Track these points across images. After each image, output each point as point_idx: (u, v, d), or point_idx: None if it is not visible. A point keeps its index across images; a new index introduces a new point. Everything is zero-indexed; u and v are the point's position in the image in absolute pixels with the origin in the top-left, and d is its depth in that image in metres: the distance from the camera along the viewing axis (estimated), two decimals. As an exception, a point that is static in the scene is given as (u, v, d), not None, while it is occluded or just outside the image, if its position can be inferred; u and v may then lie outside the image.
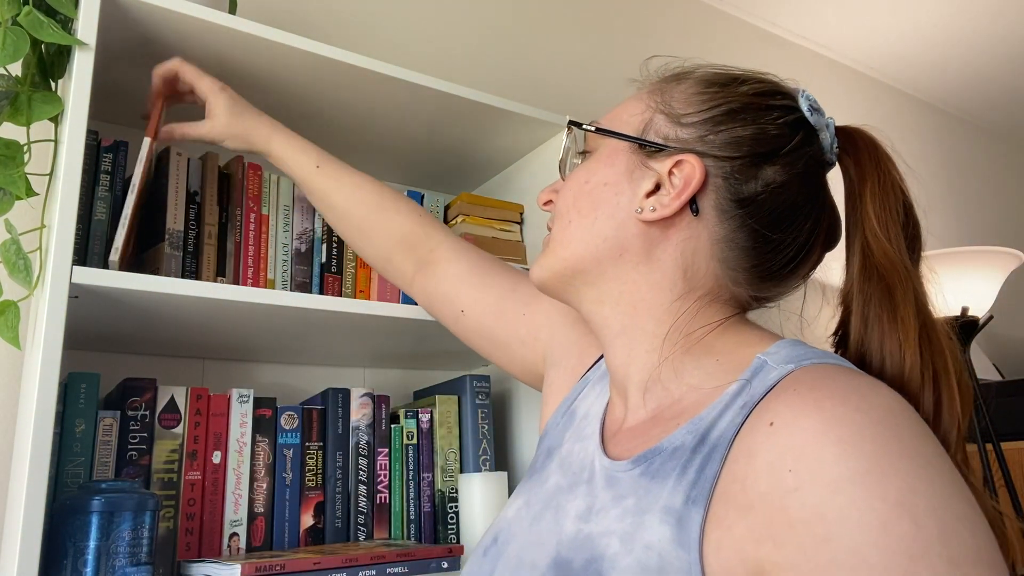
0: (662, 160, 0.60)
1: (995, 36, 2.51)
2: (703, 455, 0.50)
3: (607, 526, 0.53)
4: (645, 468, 0.54)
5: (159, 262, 0.98)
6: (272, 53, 0.99)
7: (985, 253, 1.97)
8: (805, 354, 0.52)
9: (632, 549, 0.49)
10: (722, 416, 0.51)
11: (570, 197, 0.65)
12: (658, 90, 0.64)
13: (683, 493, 0.49)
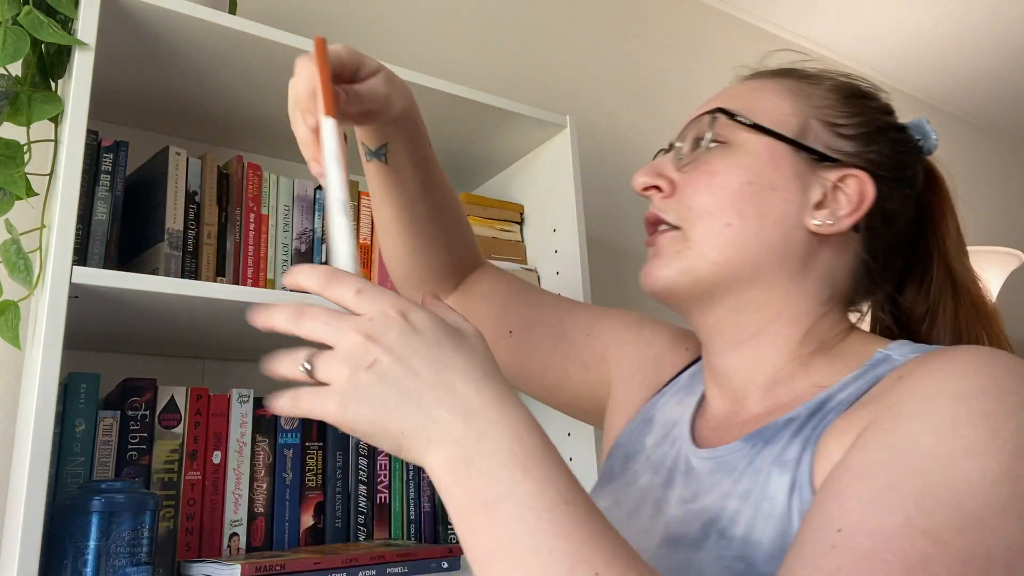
0: (828, 171, 0.60)
1: (995, 36, 2.51)
2: (820, 416, 0.53)
3: (721, 494, 0.54)
4: (755, 441, 0.55)
5: (158, 262, 0.98)
6: (272, 53, 0.99)
7: (985, 253, 1.97)
8: (929, 347, 0.55)
9: (755, 502, 0.51)
10: (842, 391, 0.54)
11: (725, 197, 0.59)
12: (801, 92, 0.64)
13: (799, 446, 0.51)
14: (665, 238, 0.61)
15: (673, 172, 0.62)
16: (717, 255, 0.58)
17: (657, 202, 0.62)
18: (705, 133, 0.61)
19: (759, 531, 0.49)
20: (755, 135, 0.60)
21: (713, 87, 0.68)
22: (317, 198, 1.14)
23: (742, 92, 0.64)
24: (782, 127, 0.60)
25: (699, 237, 0.59)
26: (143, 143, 1.15)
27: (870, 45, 2.53)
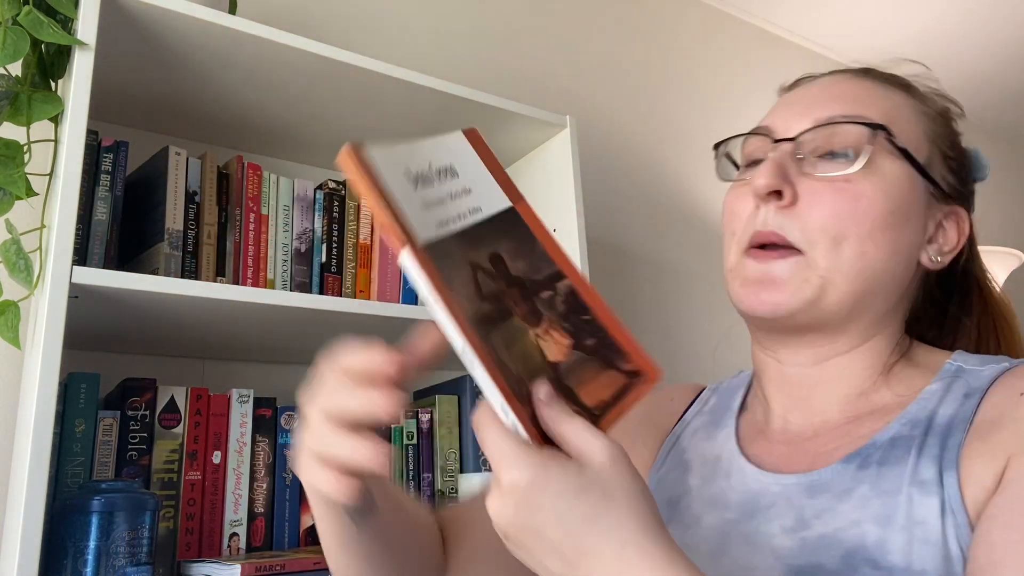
0: (941, 205, 0.61)
1: (995, 36, 2.51)
2: (938, 434, 0.52)
3: (847, 520, 0.52)
4: (862, 462, 0.54)
5: (158, 262, 0.98)
6: (272, 53, 0.99)
7: (985, 253, 1.97)
8: (992, 358, 0.57)
9: (903, 527, 0.49)
10: (940, 405, 0.54)
11: (867, 224, 0.56)
12: (927, 116, 0.63)
13: (934, 466, 0.51)
14: (787, 266, 0.57)
15: (796, 177, 0.57)
16: (848, 286, 0.56)
17: (774, 212, 0.57)
18: (854, 147, 0.57)
19: (920, 558, 0.48)
20: (900, 160, 0.58)
21: (713, 87, 0.68)
22: (317, 198, 1.14)
23: (879, 103, 0.61)
24: (919, 155, 0.59)
25: (830, 264, 0.56)
26: (143, 143, 1.15)
27: (870, 45, 2.53)
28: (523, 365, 0.47)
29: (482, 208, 0.49)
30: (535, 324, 0.48)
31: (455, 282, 0.46)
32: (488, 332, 0.46)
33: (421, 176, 0.48)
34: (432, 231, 0.46)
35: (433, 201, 0.47)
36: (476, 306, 0.46)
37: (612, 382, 0.48)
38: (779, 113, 0.63)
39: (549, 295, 0.49)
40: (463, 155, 0.50)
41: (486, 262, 0.48)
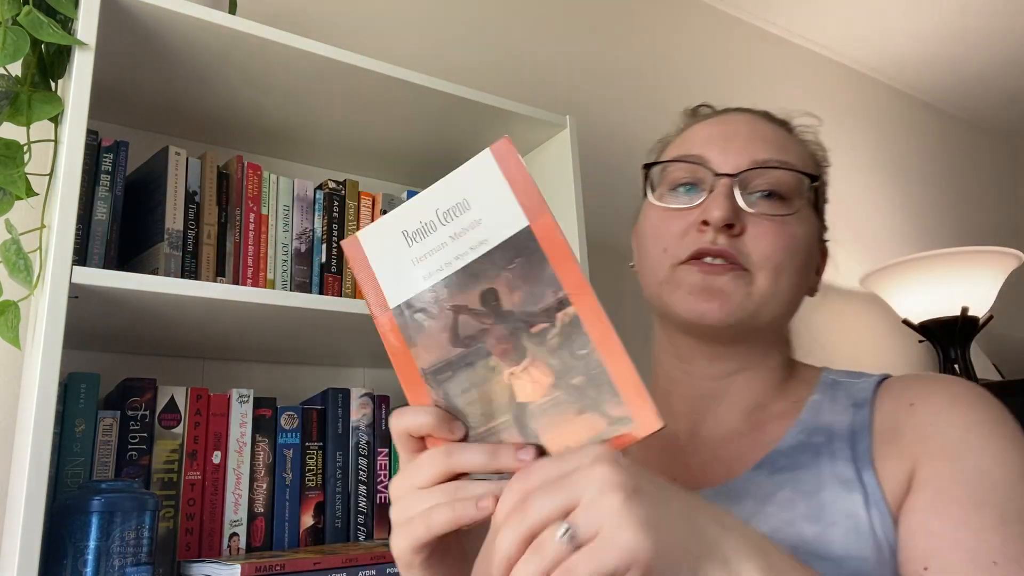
0: (821, 243, 0.71)
1: (995, 36, 2.51)
2: (844, 440, 0.60)
3: (779, 520, 0.57)
4: (771, 468, 0.61)
5: (158, 262, 0.98)
6: (272, 53, 0.99)
7: (985, 253, 1.97)
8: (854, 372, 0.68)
9: (835, 521, 0.56)
10: (830, 414, 0.63)
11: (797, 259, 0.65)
12: (820, 163, 0.72)
13: (850, 467, 0.58)
14: (731, 279, 0.62)
15: (739, 211, 0.63)
16: (778, 308, 0.65)
17: (725, 238, 0.62)
18: (789, 191, 0.65)
19: (857, 547, 0.54)
20: (811, 208, 0.67)
21: (713, 87, 0.68)
22: (317, 198, 1.15)
23: (796, 151, 0.68)
24: (819, 201, 0.69)
25: (768, 287, 0.63)
26: (143, 143, 1.15)
27: (870, 45, 2.53)
28: (487, 403, 0.49)
29: (488, 239, 0.49)
30: (514, 363, 0.48)
31: (423, 336, 0.50)
32: (449, 376, 0.49)
33: (421, 229, 0.51)
34: (417, 286, 0.50)
35: (429, 251, 0.50)
36: (445, 352, 0.50)
37: (587, 428, 0.46)
38: (710, 145, 0.67)
39: (543, 327, 0.48)
40: (483, 178, 0.50)
41: (475, 301, 0.49)
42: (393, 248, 0.51)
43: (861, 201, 2.44)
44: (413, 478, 0.47)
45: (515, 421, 0.48)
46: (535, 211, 0.49)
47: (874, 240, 2.42)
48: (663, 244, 0.65)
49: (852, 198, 2.42)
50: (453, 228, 0.50)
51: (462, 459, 0.46)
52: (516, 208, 0.49)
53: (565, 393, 0.47)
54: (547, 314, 0.48)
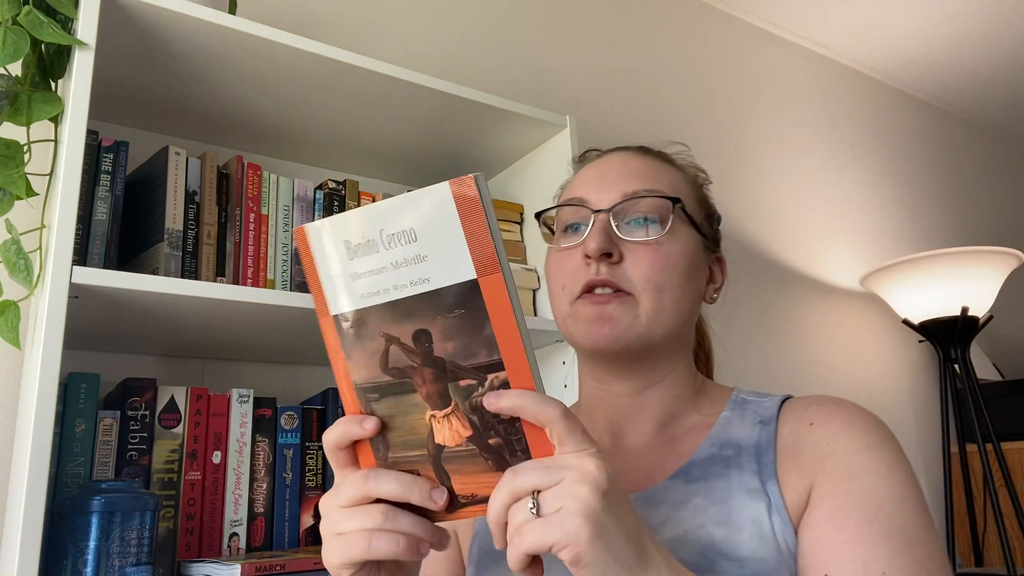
0: (712, 253, 0.77)
1: (994, 36, 2.51)
2: (751, 454, 0.66)
3: (692, 524, 0.63)
4: (686, 478, 0.67)
5: (158, 262, 0.98)
6: (272, 53, 0.99)
7: (985, 253, 1.97)
8: (762, 393, 0.74)
9: (741, 526, 0.61)
10: (738, 429, 0.69)
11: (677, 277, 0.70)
12: (693, 185, 0.78)
13: (755, 478, 0.64)
14: (618, 305, 0.68)
15: (617, 240, 0.70)
16: (666, 323, 0.70)
17: (605, 267, 0.69)
18: (658, 215, 0.71)
19: (760, 550, 0.60)
20: (688, 225, 0.73)
21: (713, 87, 0.68)
22: (317, 198, 1.15)
23: (664, 178, 0.74)
24: (696, 217, 0.74)
25: (653, 307, 0.69)
26: (143, 143, 1.15)
27: (870, 45, 2.53)
28: (407, 434, 0.50)
29: (431, 279, 0.47)
30: (437, 407, 0.49)
31: (357, 352, 0.50)
32: (376, 398, 0.50)
33: (363, 245, 0.48)
34: (354, 303, 0.49)
35: (368, 271, 0.49)
36: (374, 375, 0.50)
37: (494, 483, 0.48)
38: (588, 186, 0.74)
39: (470, 384, 0.48)
40: (437, 216, 0.47)
41: (407, 338, 0.48)
42: (336, 255, 0.49)
43: (861, 201, 2.44)
44: (336, 497, 0.51)
45: (431, 459, 0.50)
46: (487, 265, 0.46)
47: (874, 240, 2.42)
48: (561, 282, 0.72)
49: (852, 198, 2.42)
50: (396, 256, 0.48)
51: (378, 486, 0.49)
52: (467, 258, 0.46)
53: (481, 449, 0.48)
54: (477, 373, 0.47)
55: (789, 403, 0.71)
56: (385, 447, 0.51)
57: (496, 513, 0.47)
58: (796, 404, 0.70)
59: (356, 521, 0.49)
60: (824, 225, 2.29)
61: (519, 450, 0.48)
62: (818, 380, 2.07)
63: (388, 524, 0.49)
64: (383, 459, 0.51)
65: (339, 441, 0.51)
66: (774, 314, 2.04)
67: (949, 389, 2.14)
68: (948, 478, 2.08)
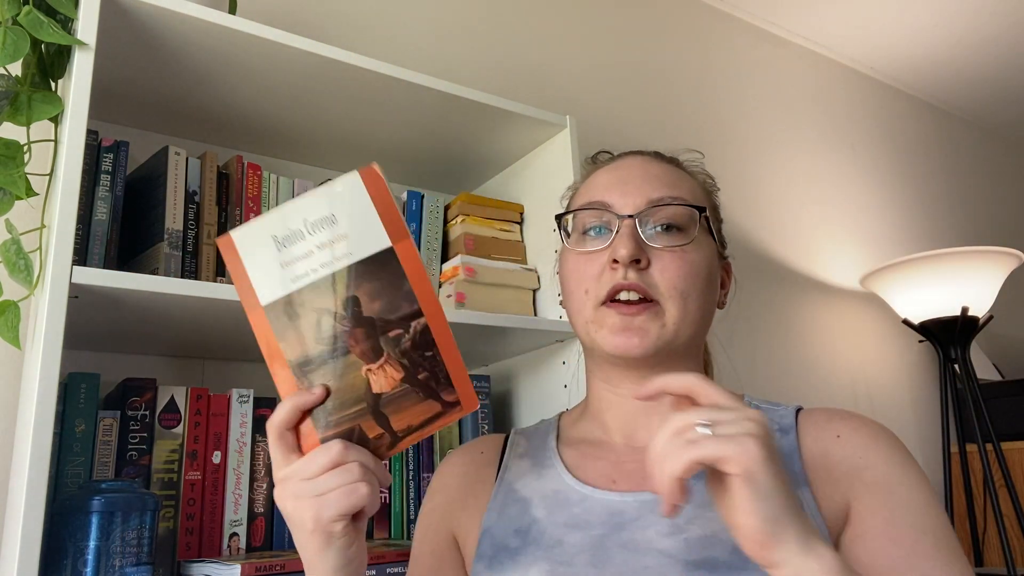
0: (722, 261, 0.79)
1: (995, 36, 2.51)
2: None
3: (719, 525, 0.63)
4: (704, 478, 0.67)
5: (158, 262, 0.98)
6: (272, 53, 0.99)
7: (985, 253, 1.97)
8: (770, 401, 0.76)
9: None
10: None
11: (699, 284, 0.72)
12: (707, 193, 0.79)
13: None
14: (645, 317, 0.70)
15: (643, 246, 0.71)
16: (689, 331, 0.71)
17: (634, 273, 0.70)
18: (683, 223, 0.72)
19: None
20: (708, 234, 0.75)
21: (713, 87, 0.68)
22: (317, 198, 1.15)
23: (685, 186, 0.76)
24: (714, 226, 0.76)
25: (679, 315, 0.70)
26: (143, 143, 1.15)
27: (870, 45, 2.53)
28: (346, 394, 0.58)
29: (353, 253, 0.58)
30: (371, 360, 0.58)
31: (291, 331, 0.58)
32: (313, 369, 0.58)
33: (289, 236, 0.58)
34: (286, 287, 0.58)
35: (297, 257, 0.58)
36: (309, 348, 0.58)
37: (427, 410, 0.59)
38: (611, 190, 0.75)
39: (398, 333, 0.58)
40: (351, 198, 0.58)
41: (338, 306, 0.58)
42: (264, 250, 0.58)
43: (861, 201, 2.44)
44: (304, 471, 0.57)
45: (370, 409, 0.59)
46: (398, 234, 0.58)
47: (874, 240, 2.42)
48: (584, 286, 0.73)
49: (852, 198, 2.42)
50: (320, 239, 0.58)
51: (353, 453, 0.57)
52: (380, 230, 0.57)
53: (412, 385, 0.59)
54: (402, 322, 0.58)
55: (805, 413, 0.72)
56: (326, 414, 0.59)
57: (662, 437, 0.52)
58: (814, 415, 0.71)
59: (340, 478, 0.56)
60: (824, 225, 2.29)
61: (442, 377, 0.59)
62: (818, 380, 2.07)
63: (366, 476, 0.57)
64: (326, 425, 0.58)
65: (290, 417, 0.58)
66: (774, 314, 2.04)
67: (949, 389, 2.14)
68: (948, 478, 2.08)
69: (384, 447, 0.60)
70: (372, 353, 0.58)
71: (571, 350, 1.19)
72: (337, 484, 0.56)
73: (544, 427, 0.83)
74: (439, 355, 0.59)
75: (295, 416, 0.58)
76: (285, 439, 0.59)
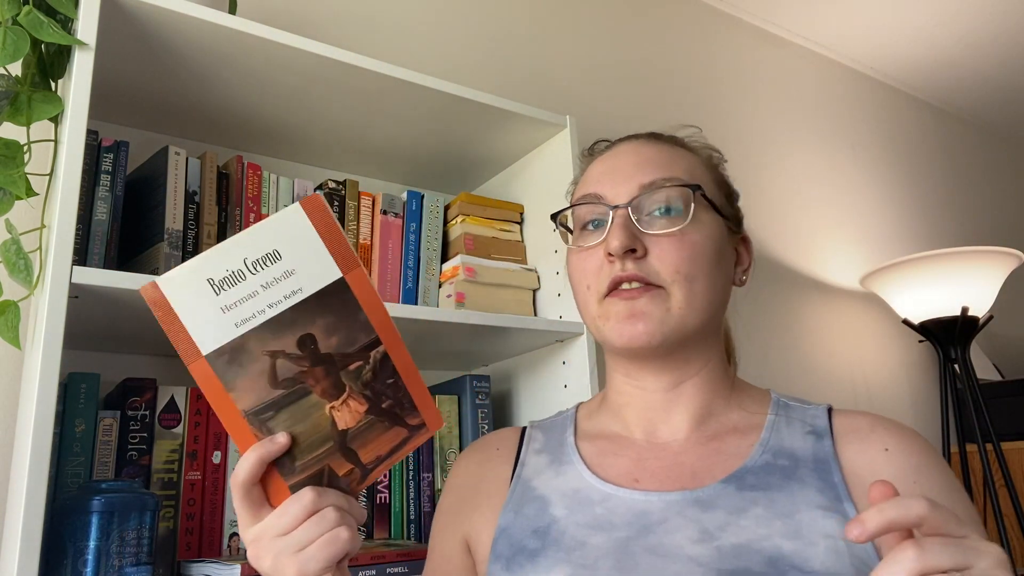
0: (734, 236, 0.75)
1: (995, 36, 2.51)
2: (810, 468, 0.65)
3: (755, 534, 0.60)
4: (739, 484, 0.65)
5: (158, 262, 0.98)
6: (272, 53, 0.99)
7: (985, 253, 1.97)
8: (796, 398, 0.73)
9: (814, 541, 0.59)
10: (788, 438, 0.68)
11: (705, 265, 0.69)
12: (708, 166, 0.75)
13: (825, 496, 0.62)
14: (648, 300, 0.67)
15: (639, 235, 0.68)
16: (700, 314, 0.68)
17: (631, 263, 0.67)
18: (678, 204, 0.69)
19: (836, 566, 0.58)
20: (710, 210, 0.71)
21: (713, 87, 0.68)
22: (317, 198, 1.14)
23: (680, 164, 0.72)
24: (716, 201, 0.72)
25: (685, 298, 0.67)
26: (143, 143, 1.15)
27: (871, 45, 2.53)
28: (311, 435, 0.56)
29: (303, 288, 0.54)
30: (334, 397, 0.56)
31: (241, 380, 0.54)
32: (271, 416, 0.55)
33: (229, 277, 0.53)
34: (229, 333, 0.53)
35: (239, 299, 0.53)
36: (264, 395, 0.55)
37: (394, 437, 0.57)
38: (602, 180, 0.72)
39: (358, 365, 0.56)
40: (295, 232, 0.54)
41: (292, 347, 0.54)
42: (199, 296, 0.53)
43: (861, 201, 2.44)
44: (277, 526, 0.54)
45: (338, 446, 0.57)
46: (348, 264, 0.54)
47: (874, 240, 2.43)
48: (586, 282, 0.71)
49: (852, 198, 2.42)
50: (264, 277, 0.54)
51: (327, 499, 0.55)
52: (329, 261, 0.54)
53: (377, 415, 0.57)
54: (362, 353, 0.56)
55: (841, 416, 0.69)
56: (292, 460, 0.56)
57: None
58: (854, 420, 0.68)
59: (317, 527, 0.54)
60: (824, 225, 2.29)
61: (406, 402, 0.57)
62: (818, 380, 2.07)
63: (343, 519, 0.55)
64: (292, 472, 0.56)
65: (255, 471, 0.55)
66: (774, 314, 2.04)
67: (949, 389, 2.14)
68: (948, 478, 2.08)
69: (355, 482, 0.58)
70: (334, 390, 0.56)
71: (571, 350, 1.19)
72: (316, 535, 0.54)
73: (561, 420, 0.81)
74: (400, 381, 0.57)
75: (260, 468, 0.55)
76: (251, 495, 0.55)
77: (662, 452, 0.70)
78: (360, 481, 0.58)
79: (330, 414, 0.56)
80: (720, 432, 0.70)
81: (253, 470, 0.55)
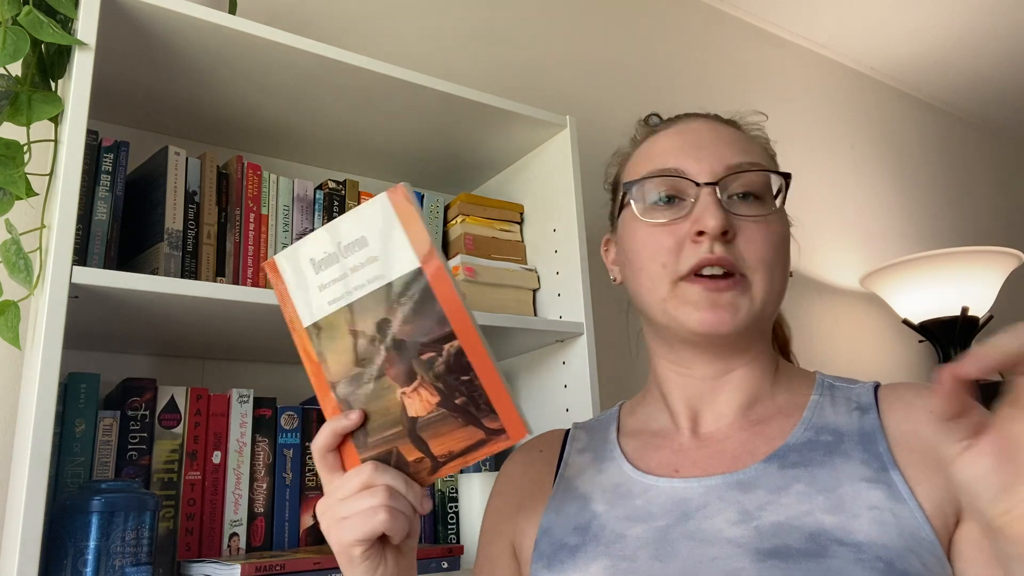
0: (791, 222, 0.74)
1: (995, 36, 2.51)
2: (856, 442, 0.63)
3: (795, 511, 0.59)
4: (781, 462, 0.63)
5: (158, 262, 0.98)
6: (272, 53, 0.99)
7: (985, 253, 1.97)
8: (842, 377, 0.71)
9: (857, 513, 0.58)
10: (833, 415, 0.66)
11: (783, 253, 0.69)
12: (772, 155, 0.75)
13: (869, 467, 0.60)
14: (732, 293, 0.65)
15: (731, 217, 0.66)
16: (773, 304, 0.68)
17: (720, 246, 0.65)
18: (763, 191, 0.68)
19: (883, 537, 0.56)
20: (781, 199, 0.70)
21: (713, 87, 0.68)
22: (317, 198, 1.14)
23: (758, 151, 0.71)
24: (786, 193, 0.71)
25: (765, 288, 0.66)
26: (143, 143, 1.15)
27: (870, 45, 2.53)
28: (383, 416, 0.58)
29: (384, 275, 0.57)
30: (406, 383, 0.57)
31: (331, 353, 0.59)
32: (352, 391, 0.59)
33: (326, 259, 0.59)
34: (323, 310, 0.59)
35: (332, 280, 0.59)
36: (348, 370, 0.59)
37: (468, 436, 0.57)
38: (683, 156, 0.69)
39: (431, 356, 0.57)
40: (381, 220, 0.57)
41: (371, 329, 0.58)
42: (303, 273, 0.59)
43: (861, 201, 2.44)
44: (340, 490, 0.57)
45: (408, 432, 0.58)
46: (426, 256, 0.56)
47: (874, 240, 2.42)
48: (660, 260, 0.67)
49: (852, 198, 2.42)
50: (352, 262, 0.58)
51: (383, 477, 0.57)
52: (409, 250, 0.57)
53: (450, 410, 0.57)
54: (435, 345, 0.57)
55: (887, 389, 0.67)
56: (365, 435, 0.59)
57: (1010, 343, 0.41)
58: (899, 391, 0.66)
59: (363, 502, 0.56)
60: (824, 225, 2.29)
61: (482, 403, 0.56)
62: (818, 380, 2.07)
63: (391, 501, 0.56)
64: (364, 446, 0.59)
65: (330, 441, 0.59)
66: (774, 314, 2.03)
67: (949, 389, 2.14)
68: (948, 478, 2.08)
69: (425, 472, 0.58)
70: (406, 376, 0.57)
71: (571, 350, 1.19)
72: (358, 509, 0.56)
73: (605, 419, 0.80)
74: (477, 381, 0.56)
75: (334, 440, 0.59)
76: (327, 460, 0.60)
77: (707, 442, 0.69)
78: (431, 472, 0.58)
79: (401, 399, 0.58)
80: (765, 416, 0.68)
81: (327, 440, 0.59)
